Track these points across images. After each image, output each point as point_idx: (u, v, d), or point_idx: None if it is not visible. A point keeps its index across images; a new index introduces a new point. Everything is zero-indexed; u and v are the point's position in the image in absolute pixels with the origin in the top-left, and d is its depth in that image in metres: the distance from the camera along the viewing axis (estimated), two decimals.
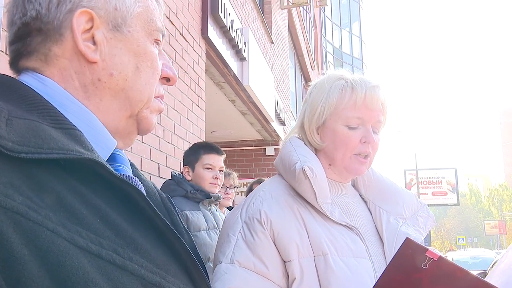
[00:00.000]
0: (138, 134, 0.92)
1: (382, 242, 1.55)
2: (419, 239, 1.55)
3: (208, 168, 3.17)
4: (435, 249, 1.28)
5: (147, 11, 0.88)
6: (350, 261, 1.43)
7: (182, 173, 3.31)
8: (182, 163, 4.08)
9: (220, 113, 7.93)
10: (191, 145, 3.67)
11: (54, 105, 0.77)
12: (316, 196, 1.47)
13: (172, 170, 3.98)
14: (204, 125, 5.13)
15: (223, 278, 1.42)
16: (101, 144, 0.83)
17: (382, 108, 1.56)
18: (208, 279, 0.87)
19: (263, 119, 8.72)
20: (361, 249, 1.48)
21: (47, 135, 0.68)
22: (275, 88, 9.76)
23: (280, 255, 1.43)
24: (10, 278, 0.57)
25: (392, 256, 1.26)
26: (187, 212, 2.97)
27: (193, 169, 3.21)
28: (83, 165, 0.70)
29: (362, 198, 1.68)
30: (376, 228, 1.59)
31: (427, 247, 1.22)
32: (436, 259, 1.19)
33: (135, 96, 0.86)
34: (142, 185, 0.91)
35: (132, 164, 0.99)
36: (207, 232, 3.05)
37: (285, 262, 1.43)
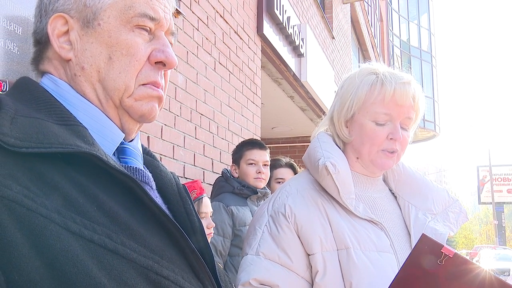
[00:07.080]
0: (139, 122, 0.96)
1: (410, 237, 1.55)
2: (447, 234, 1.54)
3: (251, 164, 3.24)
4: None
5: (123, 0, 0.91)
6: (373, 255, 1.44)
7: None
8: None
9: (279, 109, 7.96)
10: None
11: (64, 104, 0.88)
12: (339, 191, 1.49)
13: (224, 166, 4.08)
14: (260, 121, 5.19)
15: (248, 269, 1.47)
16: (107, 137, 0.91)
17: (413, 104, 1.53)
18: (211, 267, 0.91)
19: (323, 115, 8.63)
20: (385, 243, 1.49)
21: (49, 131, 0.77)
22: (336, 84, 9.67)
23: (304, 248, 1.47)
24: (2, 258, 0.64)
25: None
26: (233, 208, 3.06)
27: (238, 166, 3.30)
28: (83, 159, 0.77)
29: (393, 193, 1.68)
30: (405, 223, 1.60)
31: (443, 244, 1.23)
32: (451, 256, 1.19)
33: (109, 85, 0.90)
34: (150, 175, 0.97)
35: (153, 157, 1.06)
36: None
37: (308, 255, 1.47)
